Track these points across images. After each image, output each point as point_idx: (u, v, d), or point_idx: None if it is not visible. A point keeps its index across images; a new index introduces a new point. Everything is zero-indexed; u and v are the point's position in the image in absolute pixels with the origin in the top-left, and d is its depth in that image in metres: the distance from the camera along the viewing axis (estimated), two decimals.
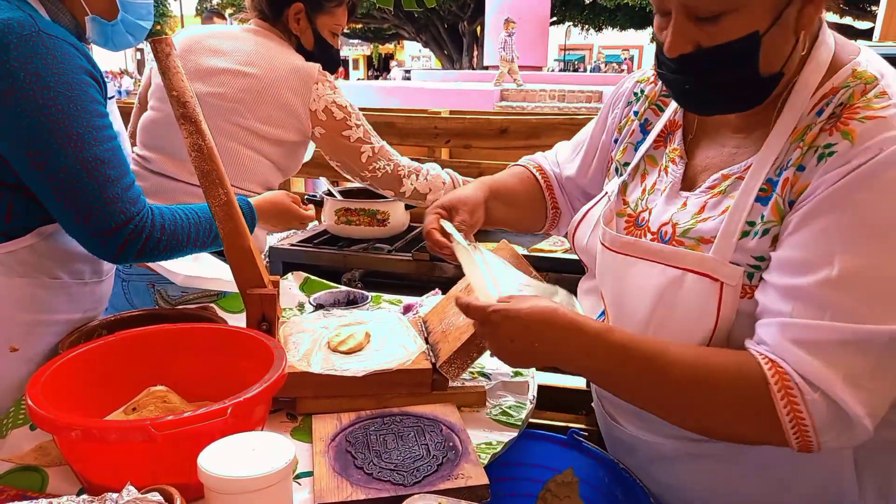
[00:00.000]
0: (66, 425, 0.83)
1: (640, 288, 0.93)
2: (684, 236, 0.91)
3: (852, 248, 0.76)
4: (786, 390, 0.77)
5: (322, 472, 0.93)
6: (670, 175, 0.99)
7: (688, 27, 0.82)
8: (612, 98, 1.16)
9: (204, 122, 1.07)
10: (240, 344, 1.07)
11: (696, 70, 0.85)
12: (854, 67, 0.84)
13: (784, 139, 0.85)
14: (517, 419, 1.13)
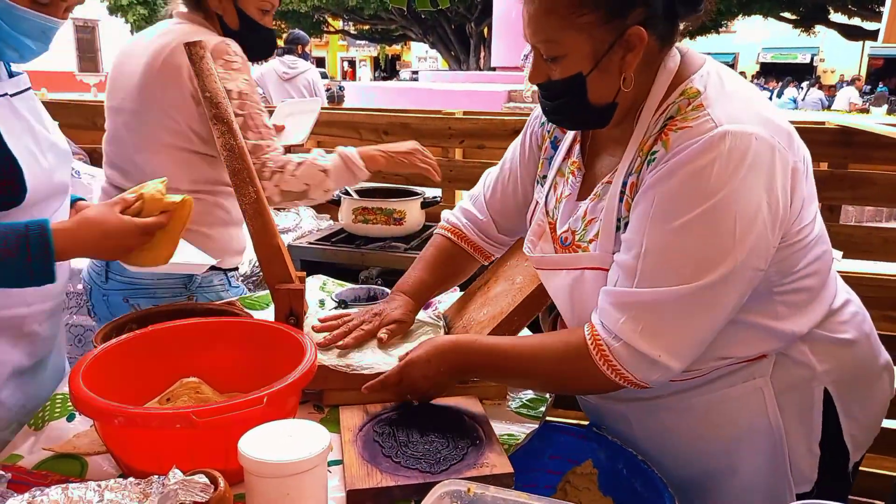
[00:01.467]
0: (109, 411, 0.86)
1: (560, 289, 1.13)
2: (581, 240, 1.10)
3: (652, 230, 0.96)
4: (598, 347, 0.99)
5: (352, 461, 0.97)
6: (570, 186, 1.16)
7: (541, 63, 1.04)
8: (531, 122, 1.31)
9: (235, 123, 1.10)
10: (269, 337, 1.11)
11: (549, 95, 1.06)
12: (687, 85, 1.01)
13: (635, 149, 1.04)
14: (538, 412, 1.16)
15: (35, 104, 1.19)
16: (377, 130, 2.59)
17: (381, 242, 2.17)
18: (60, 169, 1.19)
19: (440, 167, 2.57)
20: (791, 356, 1.08)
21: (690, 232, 0.94)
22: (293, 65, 5.15)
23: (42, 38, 1.12)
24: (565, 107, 1.07)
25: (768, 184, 0.93)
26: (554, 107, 1.08)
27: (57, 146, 1.19)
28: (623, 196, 1.04)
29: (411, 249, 2.13)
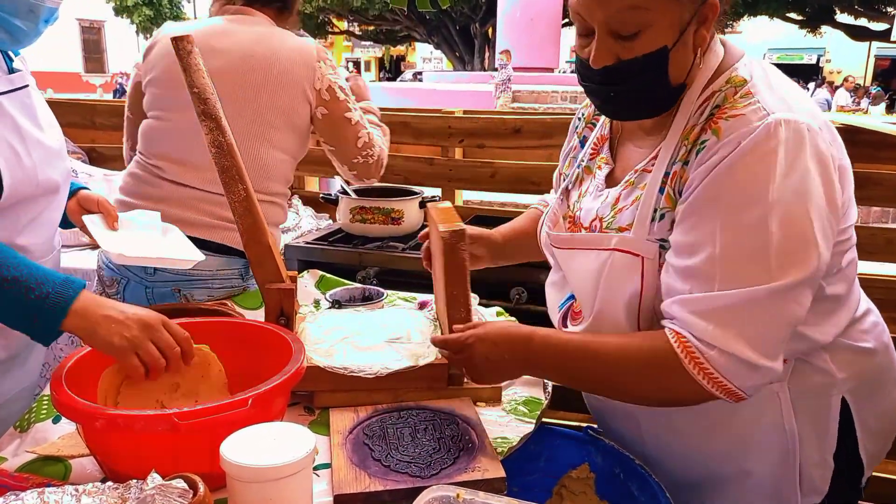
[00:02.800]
0: (91, 414, 0.84)
1: (584, 272, 1.08)
2: (609, 227, 1.06)
3: (725, 228, 0.91)
4: (690, 355, 0.92)
5: (340, 464, 0.94)
6: (597, 178, 1.15)
7: (609, 43, 0.96)
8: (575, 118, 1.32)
9: (224, 119, 1.09)
10: (259, 337, 1.09)
11: (618, 79, 0.99)
12: (731, 73, 0.99)
13: (677, 138, 1.00)
14: (533, 414, 1.14)
15: (30, 102, 1.18)
16: None
17: (379, 242, 2.15)
18: (48, 168, 1.17)
19: (440, 166, 2.57)
20: (811, 362, 1.05)
21: (768, 226, 0.88)
22: None
23: (30, 16, 1.09)
24: (640, 89, 1.00)
25: (827, 176, 0.91)
26: (623, 91, 1.00)
27: (44, 144, 1.17)
28: (664, 187, 1.00)
29: (409, 249, 2.11)
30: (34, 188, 1.13)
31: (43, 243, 1.22)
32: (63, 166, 1.23)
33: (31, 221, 1.16)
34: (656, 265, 1.00)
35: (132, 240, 1.28)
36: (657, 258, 1.00)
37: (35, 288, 0.97)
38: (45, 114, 1.22)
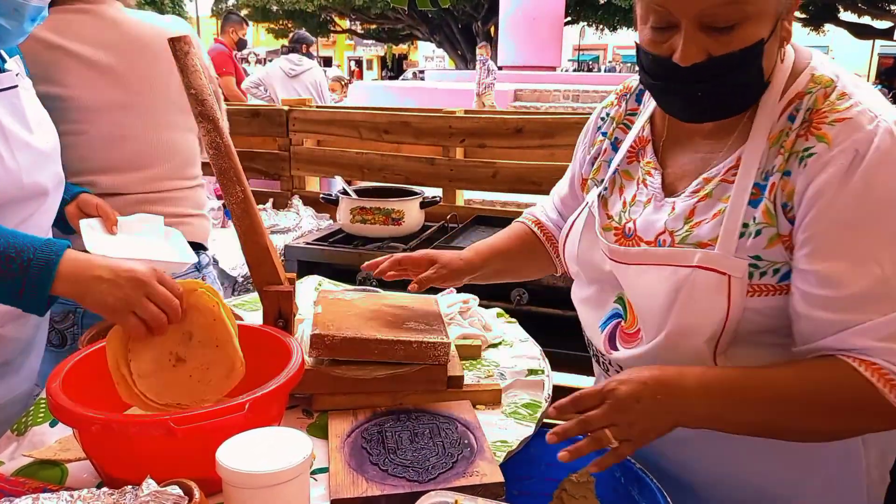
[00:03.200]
0: (86, 419, 0.84)
1: (654, 291, 0.99)
2: (683, 242, 0.98)
3: (887, 245, 0.85)
4: (888, 383, 0.84)
5: (338, 469, 0.94)
6: (650, 186, 1.06)
7: (700, 38, 0.88)
8: (586, 129, 1.25)
9: (222, 120, 1.08)
10: (257, 340, 1.08)
11: (708, 76, 0.90)
12: (811, 72, 0.94)
13: (762, 143, 0.93)
14: (532, 417, 1.13)
15: (18, 103, 1.16)
16: (377, 129, 2.57)
17: (380, 243, 2.15)
18: (35, 171, 1.15)
19: (441, 166, 2.57)
20: None
21: None
22: (298, 62, 5.17)
23: (15, 16, 1.06)
24: (733, 88, 0.92)
25: None
26: (713, 90, 0.92)
27: (32, 146, 1.15)
28: (759, 199, 0.92)
29: (410, 250, 2.10)
30: (18, 191, 1.11)
31: None
32: (53, 170, 1.21)
33: (19, 225, 1.14)
34: (744, 285, 0.92)
35: (124, 243, 1.27)
36: (745, 277, 0.92)
37: (15, 257, 0.91)
38: (36, 115, 1.20)
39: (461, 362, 1.25)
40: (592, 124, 1.23)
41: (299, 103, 2.81)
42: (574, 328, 2.00)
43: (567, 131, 2.33)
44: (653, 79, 0.97)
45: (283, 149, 2.74)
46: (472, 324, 1.44)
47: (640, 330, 1.03)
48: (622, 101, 1.18)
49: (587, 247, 1.13)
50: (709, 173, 0.98)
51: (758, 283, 0.92)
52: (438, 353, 1.12)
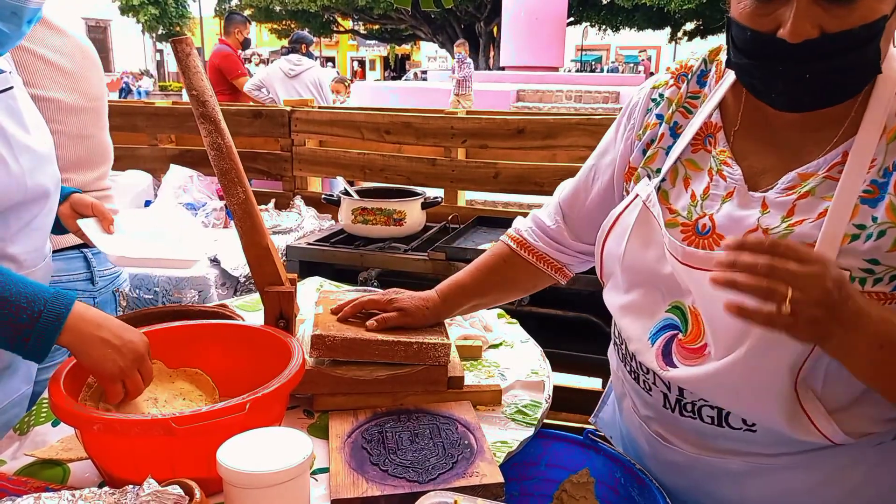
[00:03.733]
0: (88, 419, 0.84)
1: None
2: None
3: None
4: None
5: (338, 469, 0.94)
6: (729, 179, 0.94)
7: (813, 11, 0.77)
8: (627, 110, 1.11)
9: (223, 122, 1.08)
10: (259, 340, 1.08)
11: (821, 55, 0.79)
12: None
13: (875, 136, 0.84)
14: (532, 418, 1.13)
15: (16, 104, 1.15)
16: (379, 130, 2.57)
17: (381, 243, 2.15)
18: (38, 173, 1.16)
19: (443, 167, 2.57)
20: None
21: None
22: (298, 62, 5.18)
23: (13, 19, 1.06)
24: (847, 70, 0.81)
25: None
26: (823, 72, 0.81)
27: (32, 149, 1.15)
28: (879, 197, 0.83)
29: (411, 250, 2.11)
30: (24, 194, 1.12)
31: (35, 251, 1.20)
32: (52, 171, 1.21)
33: (23, 229, 1.15)
34: None
35: (131, 241, 1.28)
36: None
37: (26, 307, 0.92)
38: (32, 116, 1.20)
39: (462, 363, 1.25)
40: (641, 106, 1.08)
41: (301, 104, 2.81)
42: (575, 329, 2.02)
43: (569, 132, 2.33)
44: (750, 58, 0.85)
45: (285, 149, 2.74)
46: (473, 324, 1.44)
47: (708, 345, 0.92)
48: (681, 81, 1.04)
49: (638, 246, 1.01)
50: (804, 168, 0.88)
51: (869, 290, 0.83)
52: (439, 354, 1.12)
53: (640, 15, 21.63)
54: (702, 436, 0.99)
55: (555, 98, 9.93)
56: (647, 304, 1.01)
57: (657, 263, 0.98)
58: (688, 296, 0.96)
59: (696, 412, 0.96)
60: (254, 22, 24.65)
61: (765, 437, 0.93)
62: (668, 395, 0.99)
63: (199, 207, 2.46)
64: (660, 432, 1.05)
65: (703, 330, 0.93)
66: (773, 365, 0.86)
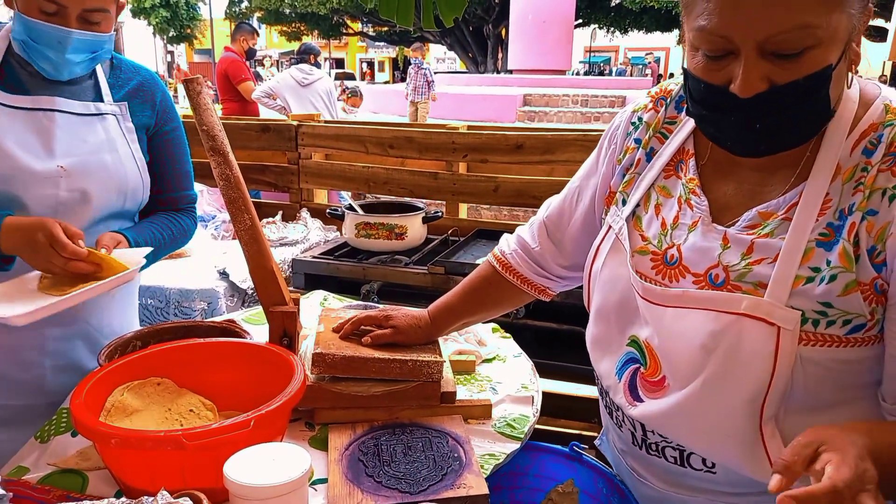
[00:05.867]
0: (106, 434, 0.92)
1: (692, 338, 0.91)
2: (741, 280, 0.89)
3: None
4: None
5: (336, 480, 1.01)
6: (696, 209, 0.96)
7: (762, 65, 0.80)
8: (609, 132, 1.13)
9: (231, 154, 1.16)
10: (264, 358, 1.16)
11: (771, 108, 0.82)
12: (885, 103, 0.87)
13: (827, 179, 0.85)
14: (520, 432, 1.20)
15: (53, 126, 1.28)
16: (382, 144, 2.65)
17: (384, 256, 2.22)
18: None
19: (445, 181, 2.64)
20: None
21: None
22: (309, 72, 5.28)
23: (59, 47, 1.21)
24: (797, 119, 0.83)
25: None
26: (774, 123, 0.83)
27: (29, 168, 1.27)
28: (834, 241, 0.84)
29: (412, 264, 2.18)
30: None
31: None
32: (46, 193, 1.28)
33: None
34: (795, 338, 0.84)
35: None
36: (797, 329, 0.84)
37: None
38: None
39: (455, 377, 1.32)
40: (621, 129, 1.09)
41: (308, 118, 2.89)
42: (567, 341, 2.08)
43: (566, 147, 2.40)
44: (705, 109, 0.88)
45: (292, 162, 2.82)
46: (468, 339, 1.51)
47: (667, 377, 0.96)
48: (659, 105, 1.05)
49: (609, 278, 1.04)
50: (764, 207, 0.90)
51: (822, 333, 0.84)
52: (432, 371, 1.19)
53: (647, 17, 21.63)
54: (668, 473, 1.02)
55: (561, 102, 9.98)
56: (611, 338, 1.05)
57: (624, 296, 1.01)
58: (644, 329, 0.99)
59: (660, 452, 1.01)
60: (263, 24, 24.85)
61: (725, 477, 0.95)
62: (635, 433, 1.04)
63: (208, 220, 2.54)
64: (634, 467, 1.10)
65: (659, 363, 0.97)
66: (730, 398, 0.88)
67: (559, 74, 13.91)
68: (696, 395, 0.91)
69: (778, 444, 0.88)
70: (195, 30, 29.41)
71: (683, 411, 0.93)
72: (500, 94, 10.88)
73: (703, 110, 0.88)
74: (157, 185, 1.46)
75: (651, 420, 0.98)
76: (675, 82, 1.06)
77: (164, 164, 1.47)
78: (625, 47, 35.06)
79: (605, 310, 1.05)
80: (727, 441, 0.91)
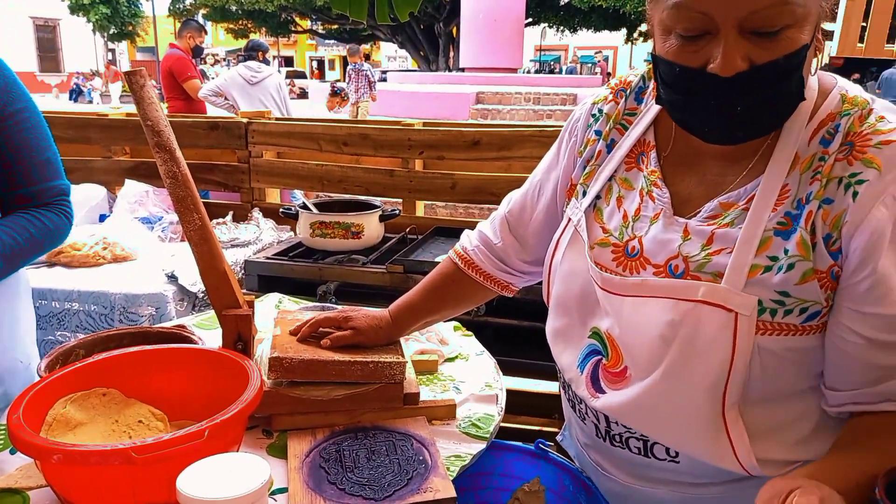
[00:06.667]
0: (47, 449, 0.86)
1: (651, 327, 0.91)
2: (700, 270, 0.88)
3: None
4: None
5: (296, 489, 0.97)
6: (658, 201, 0.96)
7: (742, 44, 0.79)
8: (569, 125, 1.12)
9: (178, 150, 1.10)
10: (216, 364, 1.10)
11: (751, 87, 0.80)
12: (841, 93, 0.87)
13: (784, 168, 0.85)
14: (485, 431, 1.18)
15: None
16: (336, 142, 2.60)
17: (340, 256, 2.18)
18: None
19: (401, 178, 2.61)
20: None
21: None
22: (258, 69, 5.16)
23: None
24: (776, 100, 0.82)
25: None
26: (754, 104, 0.81)
27: None
28: (791, 230, 0.84)
29: (370, 263, 2.14)
30: None
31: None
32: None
33: None
34: (753, 324, 0.84)
35: None
36: (755, 315, 0.84)
37: None
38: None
39: (418, 377, 1.29)
40: (581, 121, 1.09)
41: (258, 115, 2.81)
42: (528, 337, 2.07)
43: (522, 143, 2.39)
44: (681, 94, 0.85)
45: (242, 161, 2.74)
46: (430, 339, 1.48)
47: (628, 368, 0.96)
48: (619, 97, 1.05)
49: (568, 270, 1.04)
50: (725, 198, 0.90)
51: (780, 322, 0.85)
52: (394, 373, 1.16)
53: (596, 16, 21.98)
54: (632, 465, 1.02)
55: (514, 100, 10.03)
56: (572, 330, 1.05)
57: (584, 288, 1.01)
58: (604, 320, 0.99)
59: (624, 443, 1.00)
60: (209, 21, 24.30)
61: (688, 467, 0.95)
62: (598, 425, 1.03)
63: (155, 221, 2.45)
64: (598, 460, 1.10)
65: (620, 354, 0.97)
66: (691, 387, 0.88)
67: (511, 73, 13.99)
68: (657, 384, 0.91)
69: (741, 430, 0.89)
70: (137, 27, 28.56)
71: (646, 401, 0.93)
72: (454, 91, 10.88)
73: (678, 95, 0.86)
74: (9, 180, 1.27)
75: (614, 411, 0.98)
76: (635, 73, 1.06)
77: (16, 153, 1.26)
78: (574, 46, 35.55)
79: (566, 302, 1.05)
80: (690, 429, 0.91)
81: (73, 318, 2.06)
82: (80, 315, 2.06)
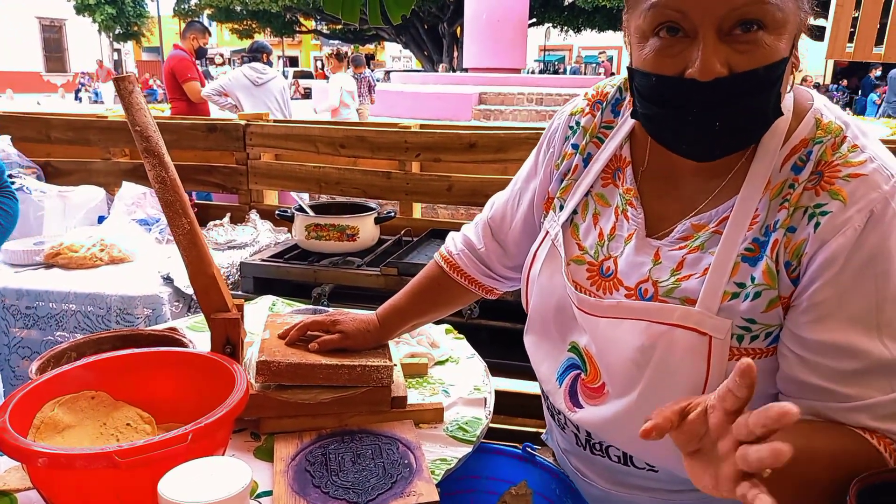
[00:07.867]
0: (32, 453, 0.86)
1: (626, 346, 0.91)
2: (668, 296, 0.89)
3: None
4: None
5: (281, 492, 0.98)
6: (632, 221, 0.95)
7: (721, 49, 0.77)
8: (547, 135, 1.10)
9: (167, 155, 1.11)
10: (204, 367, 1.11)
11: (731, 96, 0.78)
12: (816, 116, 0.85)
13: (758, 192, 0.84)
14: (472, 435, 1.18)
15: None
16: (333, 144, 2.60)
17: (336, 258, 2.18)
18: None
19: (398, 180, 2.61)
20: None
21: None
22: (263, 71, 5.17)
23: None
24: (755, 113, 0.80)
25: None
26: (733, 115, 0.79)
27: None
28: (758, 257, 0.83)
29: (365, 265, 2.14)
30: None
31: None
32: None
33: None
34: (726, 347, 0.84)
35: None
36: (728, 338, 0.84)
37: None
38: None
39: (407, 380, 1.30)
40: (559, 132, 1.07)
41: (256, 117, 2.82)
42: (522, 339, 2.07)
43: (519, 146, 2.39)
44: (658, 106, 0.83)
45: (240, 163, 2.75)
46: (420, 342, 1.49)
47: (606, 384, 0.96)
48: (596, 109, 1.03)
49: (546, 284, 1.03)
50: (697, 219, 0.89)
51: (747, 347, 0.85)
52: (382, 376, 1.17)
53: (600, 16, 21.94)
54: (612, 472, 1.04)
55: (516, 101, 10.01)
56: (551, 343, 1.05)
57: (561, 304, 1.01)
58: (582, 337, 0.99)
59: (605, 451, 1.02)
60: (214, 22, 24.37)
61: (667, 476, 0.97)
62: (578, 435, 1.04)
63: (152, 223, 2.46)
64: (578, 467, 1.11)
65: (598, 370, 0.97)
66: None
67: (514, 73, 13.98)
68: (633, 404, 0.91)
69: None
70: (143, 27, 28.66)
71: (622, 419, 0.93)
72: (456, 92, 10.86)
73: (655, 108, 0.83)
74: None
75: (591, 426, 0.99)
76: (612, 84, 1.04)
77: None
78: (578, 46, 35.53)
79: (544, 315, 1.05)
80: (666, 447, 0.88)
81: (71, 320, 2.08)
82: (78, 316, 2.08)
